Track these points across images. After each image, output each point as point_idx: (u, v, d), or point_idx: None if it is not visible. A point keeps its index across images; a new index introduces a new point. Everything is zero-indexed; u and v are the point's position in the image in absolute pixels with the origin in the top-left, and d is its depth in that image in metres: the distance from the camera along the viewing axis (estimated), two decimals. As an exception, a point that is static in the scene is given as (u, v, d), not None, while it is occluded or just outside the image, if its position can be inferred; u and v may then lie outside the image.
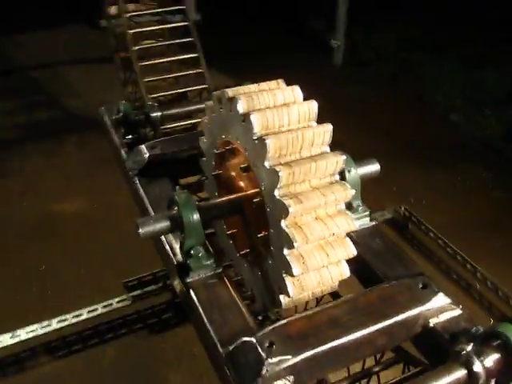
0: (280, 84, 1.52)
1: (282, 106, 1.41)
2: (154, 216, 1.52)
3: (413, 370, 1.44)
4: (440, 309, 1.40)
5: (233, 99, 1.44)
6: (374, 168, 1.77)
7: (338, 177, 1.42)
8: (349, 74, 4.97)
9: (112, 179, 2.48)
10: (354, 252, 1.41)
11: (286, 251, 1.35)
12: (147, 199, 1.83)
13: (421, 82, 4.59)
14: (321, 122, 1.42)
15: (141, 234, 1.47)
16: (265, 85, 1.51)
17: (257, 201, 1.42)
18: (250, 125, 1.36)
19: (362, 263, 1.59)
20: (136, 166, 1.97)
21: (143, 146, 1.99)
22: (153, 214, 1.77)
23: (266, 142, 1.32)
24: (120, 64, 2.64)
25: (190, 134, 2.13)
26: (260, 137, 1.35)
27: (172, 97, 2.49)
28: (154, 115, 2.19)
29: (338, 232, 1.37)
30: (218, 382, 1.36)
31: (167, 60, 2.41)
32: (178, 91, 2.41)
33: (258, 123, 1.36)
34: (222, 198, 1.60)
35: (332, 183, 1.39)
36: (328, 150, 1.41)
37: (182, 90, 2.41)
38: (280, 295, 1.44)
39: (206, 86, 2.41)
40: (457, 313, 1.41)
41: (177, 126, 2.31)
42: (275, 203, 1.33)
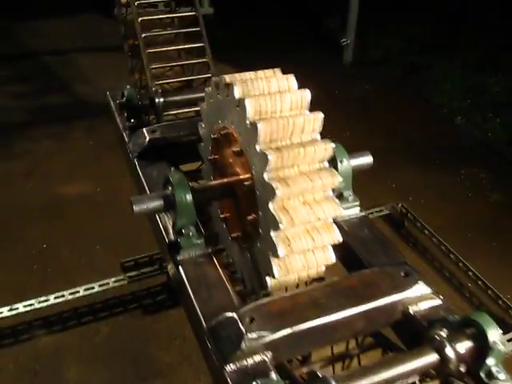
0: (276, 73, 1.56)
1: (276, 94, 1.46)
2: (148, 195, 1.57)
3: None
4: (420, 297, 1.43)
5: (229, 85, 1.48)
6: (366, 160, 1.79)
7: (327, 164, 1.46)
8: (357, 72, 5.00)
9: (117, 165, 2.54)
10: (340, 238, 1.45)
11: (272, 233, 1.39)
12: (145, 180, 1.88)
13: (428, 84, 4.62)
14: (327, 119, 1.45)
15: (135, 211, 1.52)
16: (261, 73, 1.55)
17: (248, 184, 1.47)
18: (244, 110, 1.41)
19: (348, 250, 1.63)
20: (137, 149, 2.02)
21: (144, 130, 2.05)
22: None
23: (257, 126, 1.37)
24: (128, 51, 2.69)
25: (191, 120, 2.17)
26: (253, 121, 1.40)
27: (177, 85, 2.55)
28: (157, 101, 2.24)
29: (324, 217, 1.41)
30: (204, 364, 1.40)
31: (173, 48, 2.46)
32: (183, 79, 2.45)
33: (252, 108, 1.41)
34: (215, 181, 1.65)
35: (320, 169, 1.43)
36: (318, 137, 1.45)
37: (186, 79, 2.46)
38: (267, 277, 1.49)
39: (210, 75, 2.45)
40: (437, 302, 1.44)
41: (180, 113, 2.36)
42: (264, 186, 1.38)
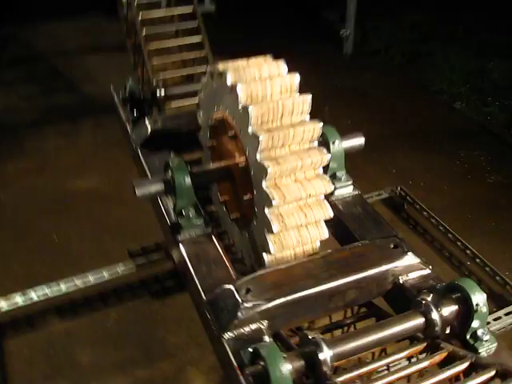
0: (267, 59, 1.63)
1: (267, 79, 1.54)
2: (149, 179, 1.66)
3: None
4: (409, 267, 1.50)
5: (222, 73, 1.57)
6: (358, 141, 1.86)
7: (316, 143, 1.54)
8: (358, 62, 5.06)
9: (124, 159, 2.61)
10: (331, 213, 1.53)
11: (266, 210, 1.48)
12: (147, 168, 1.97)
13: (427, 71, 4.66)
14: (329, 108, 1.53)
15: (137, 194, 1.60)
16: (253, 60, 1.63)
17: (243, 166, 1.56)
18: (237, 95, 1.49)
19: (341, 226, 1.70)
20: (139, 139, 2.12)
21: (146, 121, 2.13)
22: (150, 179, 1.90)
23: (249, 110, 1.45)
24: (130, 48, 2.78)
25: (190, 111, 2.24)
26: (244, 105, 1.48)
27: (178, 79, 2.63)
28: (158, 93, 2.32)
29: (315, 193, 1.49)
30: (211, 345, 1.48)
31: (173, 44, 2.54)
32: (182, 73, 2.53)
33: (243, 93, 1.49)
34: (213, 165, 1.74)
35: (310, 149, 1.51)
36: (307, 118, 1.53)
37: (185, 73, 2.53)
38: (263, 253, 1.57)
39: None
40: (426, 272, 1.51)
41: (181, 106, 2.44)
42: (257, 166, 1.46)
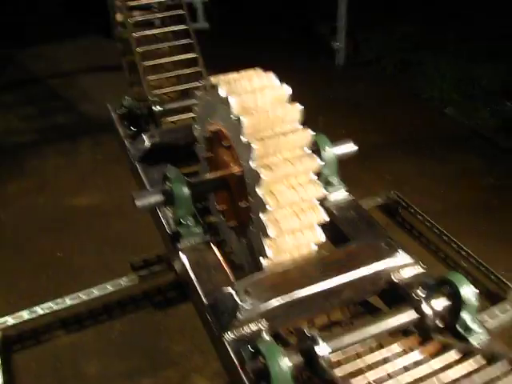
0: (257, 72, 1.71)
1: (257, 90, 1.61)
2: (148, 190, 1.72)
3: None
4: (402, 265, 1.55)
5: (215, 86, 1.64)
6: (349, 148, 1.93)
7: (308, 150, 1.60)
8: (350, 73, 5.15)
9: (123, 176, 2.67)
10: (325, 217, 1.58)
11: (262, 216, 1.53)
12: (146, 181, 2.03)
13: (418, 81, 4.76)
14: (322, 118, 1.59)
15: (137, 206, 1.66)
16: (244, 73, 1.70)
17: (238, 174, 1.62)
18: (229, 106, 1.56)
19: (336, 230, 1.76)
20: (138, 153, 2.18)
21: (144, 136, 2.20)
22: (150, 191, 1.96)
23: (241, 120, 1.51)
24: (126, 66, 2.86)
25: (186, 125, 2.32)
26: (237, 116, 1.54)
27: (173, 94, 2.70)
28: (154, 109, 2.40)
29: (308, 198, 1.55)
30: (214, 352, 1.53)
31: (167, 61, 2.62)
32: (177, 89, 2.61)
33: (236, 105, 1.56)
34: (210, 175, 1.80)
35: (302, 155, 1.57)
36: (298, 126, 1.60)
37: (180, 88, 2.61)
38: (261, 258, 1.63)
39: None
40: (418, 269, 1.57)
41: (177, 120, 2.51)
42: (251, 173, 1.52)
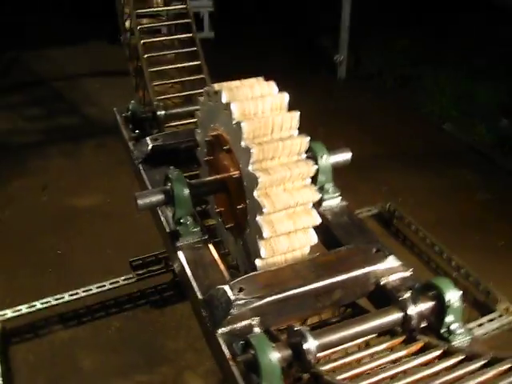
0: (259, 80, 1.78)
1: (258, 97, 1.68)
2: (150, 190, 1.79)
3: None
4: (391, 269, 1.62)
5: (218, 92, 1.71)
6: (345, 156, 1.99)
7: (304, 156, 1.67)
8: (351, 87, 5.25)
9: (126, 178, 2.73)
10: (318, 220, 1.65)
11: (258, 217, 1.60)
12: (148, 182, 2.10)
13: (418, 95, 4.85)
14: (323, 130, 1.66)
15: (139, 205, 1.73)
16: (246, 81, 1.78)
17: (236, 177, 1.69)
18: (231, 112, 1.63)
19: (329, 234, 1.83)
20: (140, 155, 2.25)
21: (147, 138, 2.28)
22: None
23: (241, 125, 1.59)
24: (133, 71, 2.94)
25: (189, 129, 2.39)
26: (238, 121, 1.62)
27: (178, 100, 2.78)
28: (158, 113, 2.47)
29: (303, 201, 1.62)
30: (208, 350, 1.58)
31: (173, 67, 2.70)
32: (181, 95, 2.69)
33: (237, 110, 1.63)
34: (210, 177, 1.87)
35: (298, 161, 1.65)
36: (296, 133, 1.67)
37: (183, 94, 2.69)
38: (256, 259, 1.69)
39: (207, 89, 2.67)
40: (406, 274, 1.63)
41: (180, 125, 2.59)
42: (249, 176, 1.59)
